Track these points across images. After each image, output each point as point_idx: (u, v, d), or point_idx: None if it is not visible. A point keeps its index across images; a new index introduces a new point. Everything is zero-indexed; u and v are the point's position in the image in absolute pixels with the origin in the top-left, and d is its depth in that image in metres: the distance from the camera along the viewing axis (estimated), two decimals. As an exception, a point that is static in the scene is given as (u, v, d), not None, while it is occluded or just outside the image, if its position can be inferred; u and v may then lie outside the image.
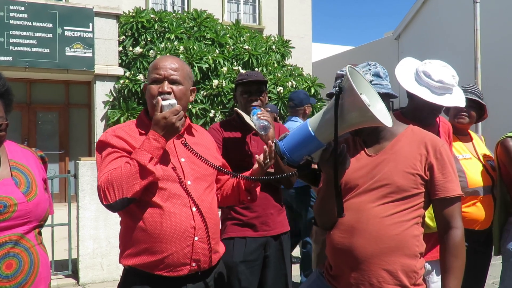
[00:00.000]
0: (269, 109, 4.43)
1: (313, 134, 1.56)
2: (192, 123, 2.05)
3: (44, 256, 1.78)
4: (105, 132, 1.83)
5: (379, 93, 1.65)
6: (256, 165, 1.96)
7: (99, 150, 1.80)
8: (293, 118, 4.70)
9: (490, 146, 3.04)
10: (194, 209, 1.79)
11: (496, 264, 3.66)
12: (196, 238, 1.77)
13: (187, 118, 1.93)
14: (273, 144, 1.82)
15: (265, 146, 1.92)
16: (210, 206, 1.87)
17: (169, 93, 1.79)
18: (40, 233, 1.81)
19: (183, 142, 1.87)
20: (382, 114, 1.54)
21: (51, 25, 8.72)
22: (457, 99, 2.35)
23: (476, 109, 2.84)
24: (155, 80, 1.82)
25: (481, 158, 2.84)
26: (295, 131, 1.64)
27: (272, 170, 2.47)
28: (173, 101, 1.75)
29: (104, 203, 1.68)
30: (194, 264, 1.78)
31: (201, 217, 1.80)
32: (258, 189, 2.05)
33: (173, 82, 1.83)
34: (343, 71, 1.87)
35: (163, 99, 1.74)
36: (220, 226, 2.39)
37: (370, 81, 1.74)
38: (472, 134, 2.99)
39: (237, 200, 2.07)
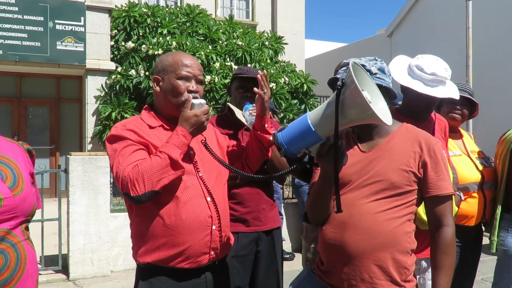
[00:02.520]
0: None
1: (312, 127, 1.55)
2: None
3: (31, 252, 1.75)
4: (114, 127, 1.83)
5: (380, 86, 1.65)
6: (256, 99, 1.96)
7: (112, 143, 1.79)
8: None
9: (481, 144, 3.06)
10: (208, 199, 1.83)
11: (485, 260, 3.68)
12: (213, 227, 1.81)
13: None
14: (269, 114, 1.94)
15: (258, 75, 1.94)
16: (221, 195, 1.92)
17: (197, 92, 1.85)
18: (27, 228, 1.78)
19: (203, 141, 1.90)
20: (383, 113, 1.54)
21: (42, 18, 8.63)
22: (450, 91, 2.37)
23: (468, 107, 2.86)
24: (184, 78, 1.84)
25: (471, 155, 2.86)
26: (294, 124, 1.63)
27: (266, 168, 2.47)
28: (203, 101, 1.81)
29: (132, 195, 1.65)
30: (212, 252, 1.82)
31: (215, 206, 1.84)
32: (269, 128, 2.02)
33: (199, 82, 1.89)
34: (349, 60, 1.88)
35: (194, 97, 1.80)
36: None
37: (375, 74, 1.76)
38: (462, 131, 3.01)
39: (260, 155, 2.03)
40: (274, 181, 3.10)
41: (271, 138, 1.95)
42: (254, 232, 2.56)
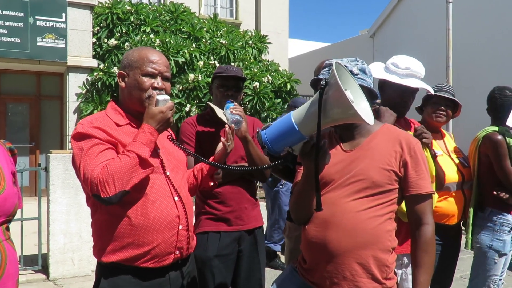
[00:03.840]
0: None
1: (296, 126, 1.56)
2: None
3: (12, 252, 1.73)
4: (80, 124, 1.77)
5: (361, 86, 1.67)
6: (219, 147, 2.06)
7: (79, 141, 1.71)
8: None
9: (460, 144, 3.12)
10: (176, 198, 1.82)
11: (464, 258, 3.75)
12: (180, 227, 1.81)
13: None
14: (234, 128, 2.12)
15: (226, 127, 2.00)
16: (186, 194, 1.92)
17: (162, 89, 1.82)
18: (8, 229, 1.75)
19: (169, 137, 1.91)
20: (365, 112, 1.56)
21: (22, 14, 8.48)
22: (424, 85, 2.43)
23: (451, 108, 2.92)
24: (149, 74, 1.82)
25: (452, 155, 2.91)
26: (278, 122, 1.64)
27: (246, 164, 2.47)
28: (167, 97, 1.80)
29: (103, 196, 1.61)
30: (177, 252, 1.82)
31: (182, 205, 1.84)
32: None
33: (165, 78, 1.86)
34: (331, 61, 1.90)
35: (158, 94, 1.78)
36: (194, 220, 2.39)
37: (356, 74, 1.78)
38: (444, 131, 3.06)
39: (196, 188, 2.13)
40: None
41: (211, 184, 2.09)
42: (236, 232, 2.55)
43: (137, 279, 1.76)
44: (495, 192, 2.89)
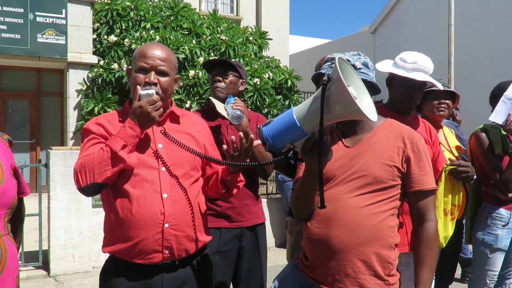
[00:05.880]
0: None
1: (297, 122, 1.54)
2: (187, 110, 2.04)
3: (12, 247, 1.72)
4: (89, 121, 1.86)
5: (364, 81, 1.65)
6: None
7: (82, 138, 1.84)
8: None
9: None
10: (165, 195, 1.77)
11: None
12: (166, 225, 1.75)
13: (172, 106, 1.94)
14: (248, 130, 1.86)
15: (240, 133, 1.89)
16: (185, 192, 1.83)
17: (155, 84, 1.78)
18: (9, 222, 1.74)
19: (162, 131, 1.85)
20: (369, 109, 1.54)
21: (22, 10, 8.45)
22: (431, 79, 2.42)
23: (450, 99, 2.92)
24: (142, 69, 1.80)
25: (453, 150, 2.90)
26: (279, 118, 1.62)
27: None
28: (151, 91, 1.74)
29: (77, 187, 1.71)
30: (167, 251, 1.77)
31: (173, 203, 1.78)
32: (239, 183, 2.00)
33: (160, 73, 1.81)
34: (333, 55, 1.88)
35: (143, 89, 1.75)
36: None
37: (359, 69, 1.76)
38: (446, 130, 3.05)
39: (216, 192, 2.03)
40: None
41: (224, 191, 1.98)
42: (237, 228, 2.54)
43: (131, 276, 1.77)
44: (483, 188, 2.94)
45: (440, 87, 2.55)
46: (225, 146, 1.81)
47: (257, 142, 1.80)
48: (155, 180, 1.77)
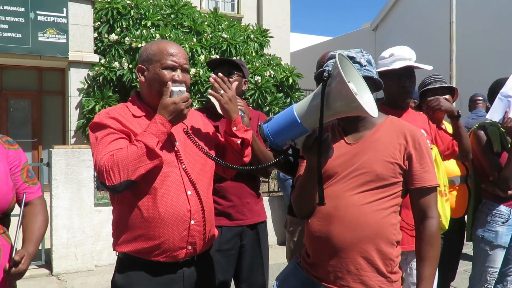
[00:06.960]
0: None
1: (298, 119, 1.54)
2: None
3: (7, 246, 1.72)
4: (98, 114, 1.80)
5: (369, 78, 1.65)
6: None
7: (94, 131, 1.76)
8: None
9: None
10: (189, 192, 1.78)
11: (469, 252, 3.74)
12: (192, 222, 1.77)
13: None
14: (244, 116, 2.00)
15: (211, 78, 1.95)
16: (204, 189, 1.86)
17: (182, 82, 1.81)
18: (3, 223, 1.74)
19: (185, 130, 1.86)
20: (369, 105, 1.54)
21: (23, 9, 8.45)
22: (412, 63, 2.42)
23: (448, 94, 2.92)
24: (170, 67, 1.80)
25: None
26: (280, 115, 1.62)
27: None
28: (183, 88, 1.77)
29: (107, 184, 1.63)
30: (190, 247, 1.78)
31: (196, 200, 1.80)
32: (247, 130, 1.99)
33: (185, 70, 1.84)
34: (335, 52, 1.88)
35: (174, 85, 1.76)
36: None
37: (364, 66, 1.77)
38: (446, 124, 3.05)
39: (234, 154, 1.97)
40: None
41: (238, 142, 1.91)
42: (237, 226, 2.54)
43: (149, 274, 1.76)
44: (482, 185, 2.93)
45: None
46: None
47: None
48: (177, 177, 1.77)
